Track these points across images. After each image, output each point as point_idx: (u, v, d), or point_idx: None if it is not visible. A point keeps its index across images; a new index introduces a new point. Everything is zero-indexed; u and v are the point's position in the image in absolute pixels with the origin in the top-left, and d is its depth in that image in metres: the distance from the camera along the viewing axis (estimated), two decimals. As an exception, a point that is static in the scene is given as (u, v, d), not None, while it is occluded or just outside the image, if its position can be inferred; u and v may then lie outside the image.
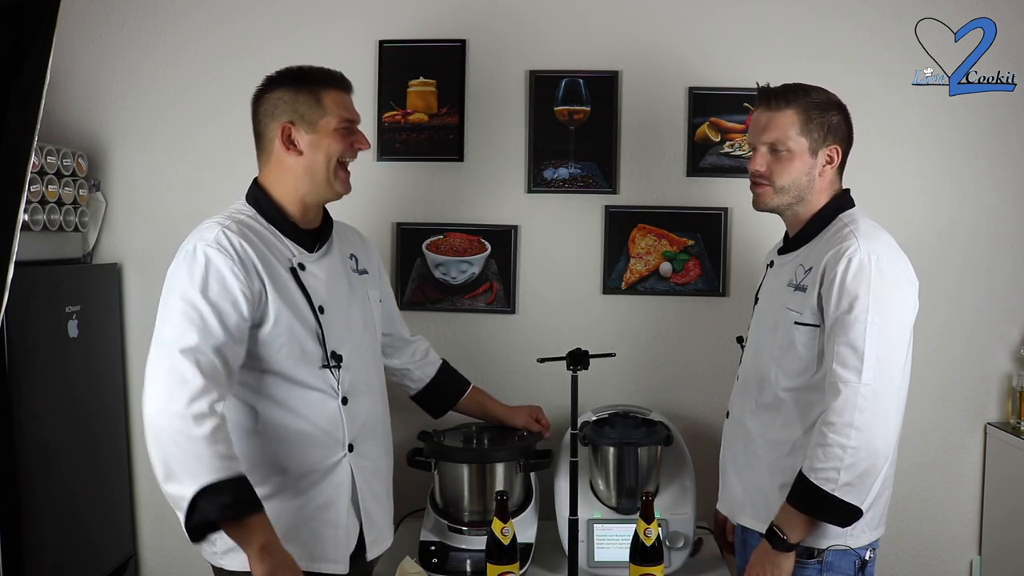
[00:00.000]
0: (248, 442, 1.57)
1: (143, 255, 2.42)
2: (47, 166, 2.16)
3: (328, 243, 1.70)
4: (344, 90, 1.65)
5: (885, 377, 1.50)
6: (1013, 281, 2.31)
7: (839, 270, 1.52)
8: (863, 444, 1.47)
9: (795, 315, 1.60)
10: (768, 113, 1.64)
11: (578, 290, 2.37)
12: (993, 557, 2.31)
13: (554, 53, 2.33)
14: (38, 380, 2.06)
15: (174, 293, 1.48)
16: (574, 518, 1.74)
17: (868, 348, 1.48)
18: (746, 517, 1.74)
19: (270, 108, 1.61)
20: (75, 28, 2.38)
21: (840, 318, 1.51)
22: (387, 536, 1.76)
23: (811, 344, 1.59)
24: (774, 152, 1.64)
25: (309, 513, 1.59)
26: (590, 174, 2.34)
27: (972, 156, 2.29)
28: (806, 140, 1.61)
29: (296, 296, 1.57)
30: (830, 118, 1.62)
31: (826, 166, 1.64)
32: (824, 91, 1.66)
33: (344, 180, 1.65)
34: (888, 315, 1.51)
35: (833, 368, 1.51)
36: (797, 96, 1.62)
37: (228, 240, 1.51)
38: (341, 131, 1.61)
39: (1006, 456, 2.24)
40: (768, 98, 1.65)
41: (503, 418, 2.09)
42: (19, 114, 1.38)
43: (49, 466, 2.09)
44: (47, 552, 2.07)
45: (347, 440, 1.62)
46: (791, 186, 1.64)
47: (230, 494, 1.38)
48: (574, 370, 1.72)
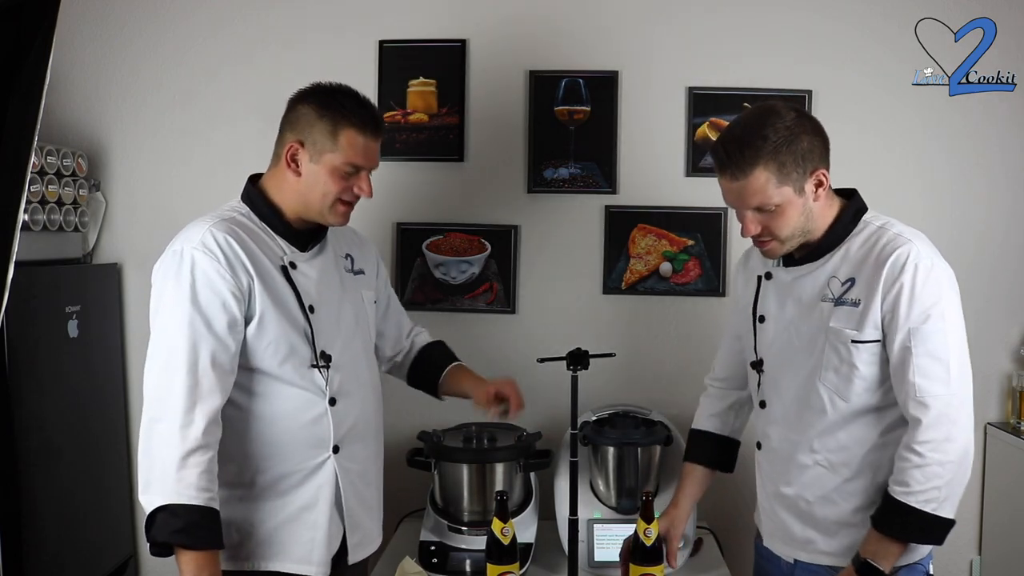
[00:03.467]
0: (232, 439, 1.56)
1: (143, 255, 2.41)
2: (47, 166, 2.16)
3: (322, 243, 1.68)
4: (368, 134, 1.57)
5: (965, 382, 1.45)
6: (1013, 281, 2.31)
7: (906, 278, 1.42)
8: (960, 456, 1.42)
9: (852, 333, 1.47)
10: (736, 183, 1.47)
11: (578, 290, 2.37)
12: (993, 557, 2.31)
13: (554, 53, 2.33)
14: (38, 380, 2.06)
15: (164, 300, 1.48)
16: (574, 518, 1.74)
17: (952, 356, 1.42)
18: (804, 552, 1.60)
19: (293, 118, 1.58)
20: (75, 28, 2.38)
21: (916, 328, 1.42)
22: (374, 539, 1.74)
23: (874, 361, 1.48)
24: (762, 213, 1.49)
25: (290, 514, 1.58)
26: (590, 174, 2.34)
27: (972, 156, 2.29)
28: (789, 187, 1.46)
29: (286, 294, 1.56)
30: (799, 148, 1.45)
31: (818, 190, 1.49)
32: (776, 119, 1.46)
33: (341, 214, 1.61)
34: (956, 318, 1.46)
35: (916, 383, 1.42)
36: (757, 151, 1.44)
37: (214, 240, 1.50)
38: (343, 173, 1.56)
39: (1006, 456, 2.24)
40: (726, 168, 1.47)
41: (469, 392, 1.91)
42: (19, 114, 1.38)
43: (49, 466, 2.09)
44: (47, 552, 2.07)
45: (332, 442, 1.60)
46: (794, 232, 1.51)
47: (184, 520, 1.40)
48: (574, 370, 1.72)
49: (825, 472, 1.55)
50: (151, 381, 1.47)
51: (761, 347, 1.64)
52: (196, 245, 1.49)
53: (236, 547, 1.57)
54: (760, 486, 1.71)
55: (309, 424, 1.58)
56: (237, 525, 1.57)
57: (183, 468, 1.40)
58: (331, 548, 1.62)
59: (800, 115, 1.49)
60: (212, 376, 1.45)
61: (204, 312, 1.47)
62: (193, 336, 1.45)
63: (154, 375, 1.46)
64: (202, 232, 1.51)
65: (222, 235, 1.51)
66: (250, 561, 1.58)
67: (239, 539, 1.57)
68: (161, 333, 1.48)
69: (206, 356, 1.45)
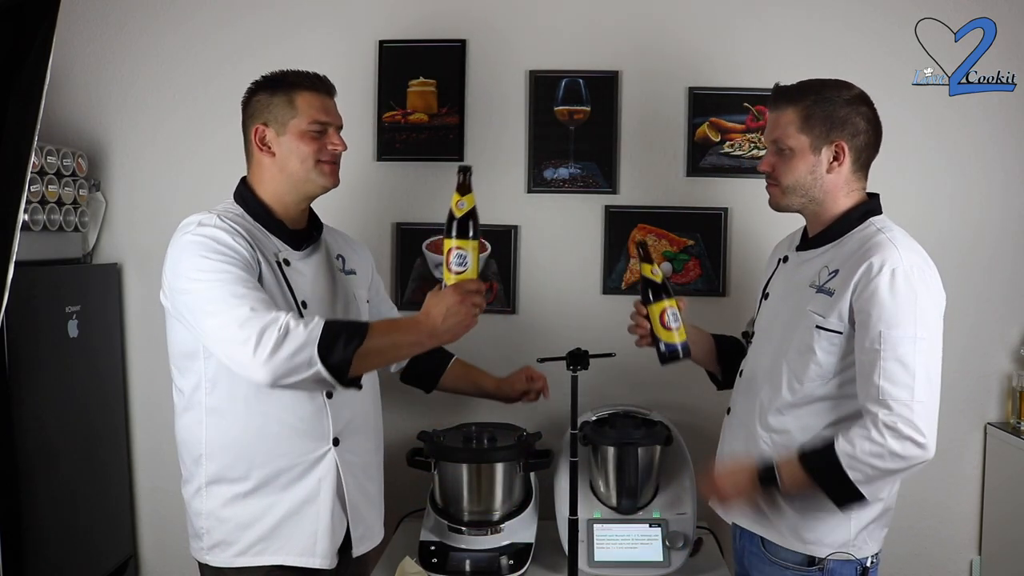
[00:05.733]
0: (233, 432, 1.58)
1: (143, 255, 2.42)
2: (47, 166, 2.16)
3: (316, 244, 1.72)
4: (321, 92, 1.65)
5: (932, 393, 1.48)
6: (1013, 281, 2.31)
7: (882, 282, 1.46)
8: (912, 460, 1.44)
9: (818, 319, 1.54)
10: (774, 112, 1.63)
11: (578, 290, 2.37)
12: (993, 557, 2.31)
13: (554, 53, 2.33)
14: (38, 380, 2.06)
15: (197, 276, 1.49)
16: (574, 518, 1.74)
17: (919, 365, 1.45)
18: (741, 517, 1.69)
19: (251, 111, 1.65)
20: (75, 28, 2.38)
21: (886, 333, 1.45)
22: (376, 533, 1.76)
23: (832, 351, 1.54)
24: (779, 152, 1.61)
25: (293, 507, 1.60)
26: (590, 174, 2.34)
27: (972, 156, 2.29)
28: (807, 137, 1.57)
29: (281, 289, 1.59)
30: (835, 113, 1.56)
31: (833, 163, 1.57)
32: (839, 86, 1.60)
33: (328, 172, 1.65)
34: (932, 330, 1.49)
35: (880, 385, 1.45)
36: (803, 93, 1.59)
37: (223, 222, 1.56)
38: (311, 133, 1.61)
39: (1006, 456, 2.24)
40: (775, 97, 1.64)
41: (496, 391, 2.04)
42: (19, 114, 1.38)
43: (49, 466, 2.09)
44: (47, 552, 2.07)
45: (332, 434, 1.62)
46: (796, 185, 1.59)
47: (343, 334, 1.45)
48: (574, 370, 1.72)
49: (768, 448, 1.62)
50: (212, 324, 1.47)
51: (758, 322, 1.76)
52: (209, 221, 1.55)
53: (240, 542, 1.58)
54: (719, 450, 1.79)
55: (308, 417, 1.60)
56: (240, 521, 1.58)
57: (290, 334, 1.42)
58: (335, 540, 1.64)
59: (861, 97, 1.60)
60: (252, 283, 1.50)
61: (236, 268, 1.50)
62: (236, 283, 1.48)
63: (215, 318, 1.46)
64: (209, 215, 1.57)
65: (227, 223, 1.56)
66: (254, 556, 1.59)
67: (242, 534, 1.58)
68: (209, 303, 1.48)
69: (253, 291, 1.48)
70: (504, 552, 1.92)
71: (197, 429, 1.61)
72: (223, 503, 1.60)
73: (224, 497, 1.59)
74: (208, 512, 1.61)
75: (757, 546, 1.66)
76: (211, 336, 1.48)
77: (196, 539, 1.64)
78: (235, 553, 1.59)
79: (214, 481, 1.60)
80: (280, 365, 1.42)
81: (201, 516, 1.62)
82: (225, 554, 1.60)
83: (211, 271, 1.48)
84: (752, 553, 1.69)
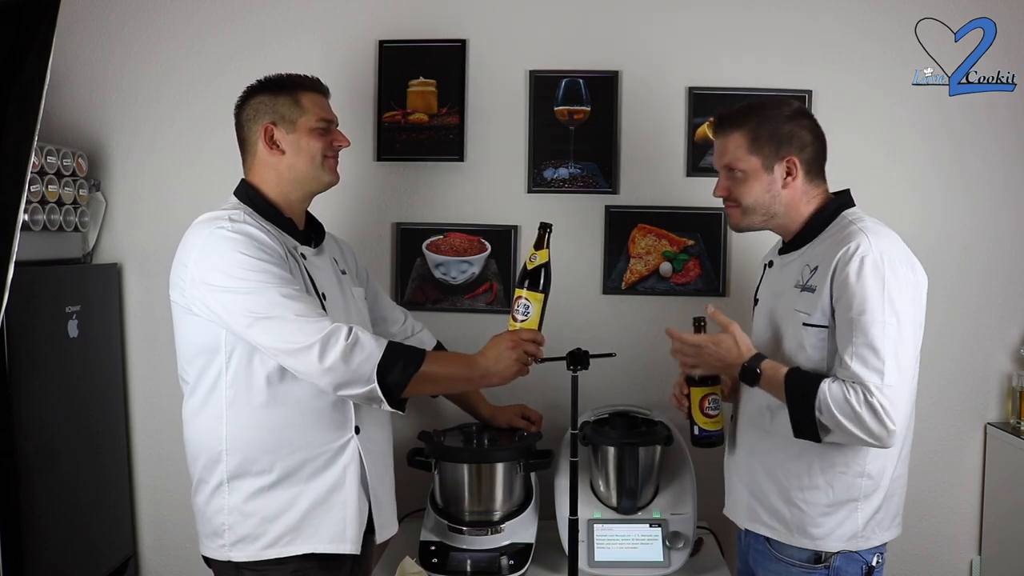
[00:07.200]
0: (255, 425, 1.59)
1: (143, 255, 2.42)
2: (47, 166, 2.16)
3: (322, 243, 1.78)
4: (321, 93, 1.73)
5: (904, 377, 1.49)
6: (1012, 281, 2.31)
7: (851, 269, 1.50)
8: (876, 437, 1.47)
9: (804, 316, 1.58)
10: (720, 138, 1.67)
11: (578, 290, 2.36)
12: (993, 557, 2.31)
13: (554, 53, 2.33)
14: (38, 380, 2.06)
15: (239, 274, 1.51)
16: (574, 518, 1.74)
17: (887, 349, 1.47)
18: (749, 521, 1.71)
19: (252, 112, 1.68)
20: (75, 28, 2.37)
21: (856, 319, 1.48)
22: (393, 522, 1.80)
23: (820, 346, 1.57)
24: (732, 176, 1.65)
25: (320, 496, 1.61)
26: (590, 174, 2.34)
27: (972, 156, 2.29)
28: (757, 157, 1.61)
29: (305, 283, 1.62)
30: (780, 129, 1.60)
31: (787, 178, 1.62)
32: (779, 103, 1.67)
33: (332, 168, 1.72)
34: (904, 315, 1.49)
35: (853, 369, 1.47)
36: (745, 115, 1.63)
37: (252, 220, 1.60)
38: (319, 130, 1.68)
39: (1006, 456, 2.24)
40: (719, 123, 1.68)
41: (487, 419, 2.11)
42: (19, 114, 1.39)
43: (49, 466, 2.09)
44: (47, 552, 2.07)
45: (354, 422, 1.65)
46: (755, 204, 1.64)
47: (402, 357, 1.55)
48: (574, 370, 1.73)
49: (771, 450, 1.64)
50: (267, 327, 1.50)
51: (752, 327, 1.79)
52: (238, 217, 1.58)
53: (267, 535, 1.59)
54: (726, 458, 1.82)
55: (330, 407, 1.62)
56: (265, 514, 1.59)
57: (358, 345, 1.51)
58: (361, 525, 1.66)
59: (801, 111, 1.66)
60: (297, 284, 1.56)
61: (267, 254, 1.55)
62: (280, 283, 1.52)
63: (270, 321, 1.50)
64: (236, 211, 1.60)
65: (253, 220, 1.60)
66: (283, 547, 1.60)
67: (269, 527, 1.59)
68: (237, 281, 1.51)
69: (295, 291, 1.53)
70: (504, 552, 1.92)
71: (216, 426, 1.60)
72: (246, 497, 1.59)
73: (247, 491, 1.59)
74: (231, 508, 1.60)
75: (762, 544, 1.66)
76: (263, 338, 1.51)
77: (215, 537, 1.62)
78: (263, 546, 1.59)
79: (236, 476, 1.60)
80: (344, 374, 1.50)
81: (222, 513, 1.61)
82: (251, 548, 1.59)
83: (254, 270, 1.51)
84: (757, 551, 1.69)
